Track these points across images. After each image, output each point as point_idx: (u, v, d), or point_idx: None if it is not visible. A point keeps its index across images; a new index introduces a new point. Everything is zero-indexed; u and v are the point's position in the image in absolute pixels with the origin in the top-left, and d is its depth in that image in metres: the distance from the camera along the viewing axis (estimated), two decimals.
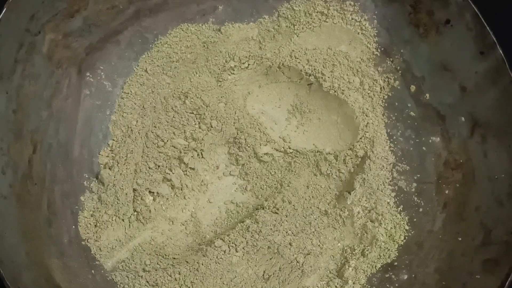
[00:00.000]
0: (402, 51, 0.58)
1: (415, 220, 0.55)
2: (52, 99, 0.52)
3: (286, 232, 0.53)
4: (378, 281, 0.53)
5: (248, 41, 0.58)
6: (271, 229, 0.53)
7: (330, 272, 0.54)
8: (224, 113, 0.57)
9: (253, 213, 0.55)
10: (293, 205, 0.55)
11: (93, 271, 0.50)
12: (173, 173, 0.56)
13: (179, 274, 0.50)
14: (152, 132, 0.56)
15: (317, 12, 0.58)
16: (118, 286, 0.51)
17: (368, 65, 0.58)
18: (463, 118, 0.55)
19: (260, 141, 0.57)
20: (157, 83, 0.57)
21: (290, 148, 0.58)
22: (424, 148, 0.57)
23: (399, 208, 0.55)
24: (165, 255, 0.53)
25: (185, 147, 0.56)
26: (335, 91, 0.57)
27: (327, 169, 0.57)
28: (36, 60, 0.50)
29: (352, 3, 0.58)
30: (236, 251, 0.51)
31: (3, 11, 0.46)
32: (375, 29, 0.58)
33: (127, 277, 0.51)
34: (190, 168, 0.56)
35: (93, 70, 0.55)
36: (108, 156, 0.55)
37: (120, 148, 0.55)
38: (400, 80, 0.58)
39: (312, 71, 0.57)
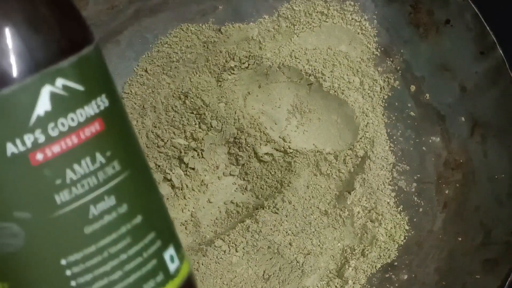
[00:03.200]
0: (402, 51, 0.58)
1: (415, 220, 0.55)
2: None
3: (286, 232, 0.53)
4: (378, 281, 0.53)
5: (248, 41, 0.58)
6: (271, 229, 0.53)
7: (330, 272, 0.54)
8: (224, 113, 0.57)
9: (253, 213, 0.55)
10: (293, 205, 0.55)
11: None
12: (173, 173, 0.56)
13: None
14: (152, 132, 0.56)
15: (317, 12, 0.58)
16: None
17: (368, 65, 0.58)
18: (463, 118, 0.55)
19: (260, 141, 0.57)
20: (157, 83, 0.57)
21: (290, 148, 0.58)
22: (424, 148, 0.57)
23: (399, 208, 0.55)
24: None
25: (185, 147, 0.56)
26: (335, 91, 0.57)
27: (327, 169, 0.57)
28: None
29: (352, 3, 0.58)
30: (236, 251, 0.51)
31: None
32: (375, 29, 0.58)
33: None
34: (190, 168, 0.56)
35: None
36: None
37: None
38: (400, 80, 0.58)
39: (312, 71, 0.57)
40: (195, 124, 0.57)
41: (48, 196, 0.25)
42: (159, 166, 0.55)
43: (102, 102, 0.26)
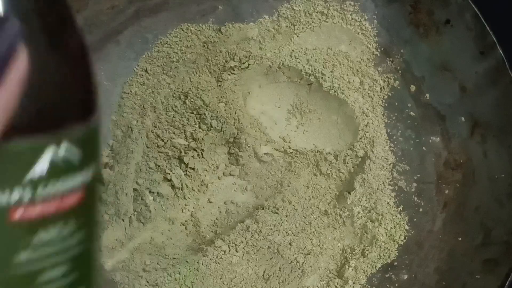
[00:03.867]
0: (402, 51, 0.58)
1: (415, 220, 0.55)
2: None
3: (286, 232, 0.53)
4: (378, 281, 0.53)
5: (248, 41, 0.58)
6: (271, 229, 0.53)
7: (330, 272, 0.54)
8: (224, 113, 0.57)
9: (253, 213, 0.55)
10: (293, 205, 0.55)
11: None
12: (173, 173, 0.56)
13: (179, 274, 0.50)
14: (152, 132, 0.56)
15: (317, 12, 0.58)
16: (118, 286, 0.50)
17: (368, 65, 0.58)
18: (463, 118, 0.55)
19: (260, 141, 0.57)
20: (157, 83, 0.57)
21: (290, 148, 0.58)
22: (424, 148, 0.57)
23: (399, 208, 0.55)
24: (165, 255, 0.53)
25: (185, 147, 0.56)
26: (335, 91, 0.57)
27: (327, 169, 0.57)
28: None
29: (352, 3, 0.58)
30: (236, 251, 0.51)
31: None
32: (375, 29, 0.58)
33: (127, 277, 0.51)
34: (190, 168, 0.56)
35: None
36: (108, 156, 0.55)
37: (120, 148, 0.55)
38: (400, 80, 0.58)
39: (312, 71, 0.57)
40: (195, 124, 0.57)
41: (9, 254, 0.25)
42: (159, 166, 0.55)
43: (91, 171, 0.26)
